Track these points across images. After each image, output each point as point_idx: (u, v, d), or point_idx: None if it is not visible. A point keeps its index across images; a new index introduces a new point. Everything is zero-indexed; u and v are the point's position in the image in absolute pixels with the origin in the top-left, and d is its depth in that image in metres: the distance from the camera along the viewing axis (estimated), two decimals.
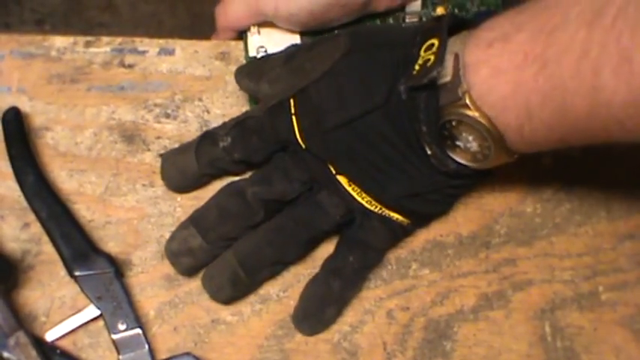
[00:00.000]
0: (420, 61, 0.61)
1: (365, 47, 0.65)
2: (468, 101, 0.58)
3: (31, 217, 0.69)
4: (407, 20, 0.76)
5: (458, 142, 0.62)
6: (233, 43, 0.79)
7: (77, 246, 0.67)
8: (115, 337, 0.65)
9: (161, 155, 0.72)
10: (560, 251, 0.72)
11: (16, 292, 0.68)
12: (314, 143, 0.66)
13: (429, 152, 0.62)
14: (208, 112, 0.75)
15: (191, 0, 0.85)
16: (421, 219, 0.71)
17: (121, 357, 0.65)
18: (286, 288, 0.70)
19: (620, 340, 0.69)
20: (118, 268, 0.67)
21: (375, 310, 0.70)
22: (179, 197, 0.72)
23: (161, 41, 0.78)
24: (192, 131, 0.74)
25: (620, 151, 0.76)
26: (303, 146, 0.66)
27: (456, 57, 0.59)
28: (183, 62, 0.77)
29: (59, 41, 0.77)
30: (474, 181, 0.68)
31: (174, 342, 0.67)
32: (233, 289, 0.68)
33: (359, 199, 0.67)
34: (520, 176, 0.74)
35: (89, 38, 0.78)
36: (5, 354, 0.62)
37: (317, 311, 0.68)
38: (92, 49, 0.77)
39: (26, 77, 0.76)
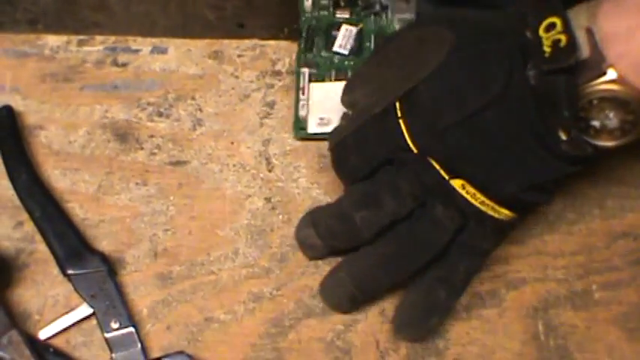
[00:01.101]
0: (547, 43, 0.58)
1: (472, 39, 0.62)
2: (615, 76, 0.56)
3: (25, 215, 0.69)
4: None
5: (593, 122, 0.59)
6: (226, 41, 0.79)
7: (70, 244, 0.67)
8: (108, 335, 0.65)
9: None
10: (553, 250, 0.72)
11: (9, 291, 0.68)
12: (429, 145, 0.62)
13: (563, 138, 0.59)
14: (201, 110, 0.75)
15: (183, 0, 0.84)
16: (529, 210, 0.70)
17: (113, 355, 0.65)
18: (279, 286, 0.70)
19: (613, 338, 0.69)
20: (111, 266, 0.67)
21: (368, 309, 0.69)
22: (172, 196, 0.72)
23: (154, 40, 0.78)
24: (185, 130, 0.74)
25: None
26: (415, 150, 0.63)
27: (589, 31, 0.57)
28: (177, 61, 0.77)
29: (53, 40, 0.78)
30: (586, 166, 0.64)
31: (167, 340, 0.67)
32: (352, 305, 0.68)
33: (473, 201, 0.62)
34: None
35: (82, 37, 0.78)
36: None
37: (422, 320, 0.66)
38: (85, 48, 0.78)
39: (20, 76, 0.76)
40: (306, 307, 0.69)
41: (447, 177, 0.62)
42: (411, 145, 0.63)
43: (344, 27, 0.77)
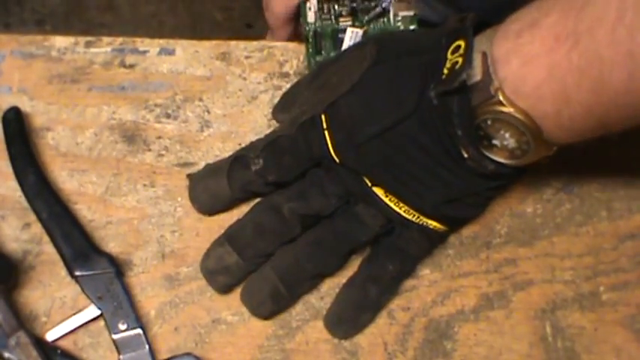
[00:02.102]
0: (448, 65, 0.60)
1: (392, 56, 0.65)
2: (501, 98, 0.57)
3: (32, 217, 0.69)
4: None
5: (494, 141, 0.61)
6: (233, 43, 0.79)
7: (78, 246, 0.67)
8: (115, 337, 0.65)
9: (188, 176, 0.72)
10: (560, 251, 0.72)
11: (16, 292, 0.68)
12: (348, 157, 0.65)
13: (465, 155, 0.61)
14: (209, 112, 0.76)
15: (192, 0, 0.84)
16: (458, 224, 0.71)
17: (121, 357, 0.65)
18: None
19: (621, 340, 0.69)
20: (118, 268, 0.67)
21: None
22: (179, 197, 0.72)
23: (162, 41, 0.78)
24: (192, 131, 0.74)
25: (620, 150, 0.76)
26: (337, 161, 0.65)
27: (484, 55, 0.58)
28: (184, 62, 0.77)
29: (60, 41, 0.78)
30: (510, 181, 0.68)
31: (174, 342, 0.67)
32: (274, 304, 0.68)
33: (397, 209, 0.66)
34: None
35: (90, 38, 0.78)
36: (6, 354, 0.62)
37: (353, 316, 0.69)
38: (93, 50, 0.78)
39: (27, 77, 0.76)
40: (313, 309, 0.69)
41: (369, 184, 0.65)
42: (334, 156, 0.65)
43: (349, 30, 0.77)
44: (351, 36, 0.77)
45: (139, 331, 0.66)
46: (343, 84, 0.65)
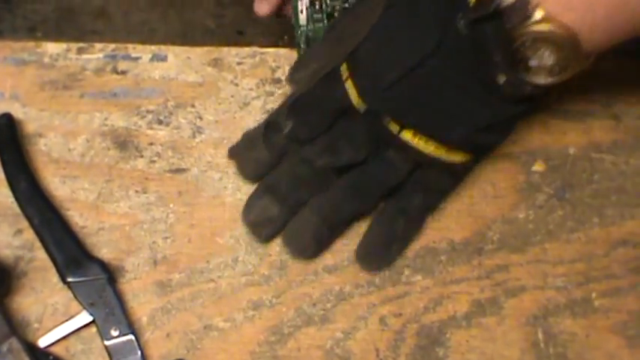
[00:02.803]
0: None
1: None
2: (541, 16, 0.57)
3: (24, 223, 0.69)
4: None
5: (531, 62, 0.60)
6: (225, 49, 0.79)
7: (70, 252, 0.67)
8: (107, 343, 0.65)
9: (230, 150, 0.74)
10: (553, 258, 0.72)
11: (9, 299, 0.68)
12: (375, 103, 0.65)
13: (502, 81, 0.61)
14: (201, 118, 0.76)
15: (183, 8, 0.85)
16: (483, 152, 0.72)
17: None
18: (279, 294, 0.70)
19: (613, 346, 0.69)
20: (110, 274, 0.67)
21: (367, 317, 0.69)
22: (171, 204, 0.72)
23: (154, 48, 0.78)
24: (184, 137, 0.74)
25: (612, 156, 0.76)
26: (363, 109, 0.66)
27: None
28: (176, 69, 0.78)
29: (52, 48, 0.78)
30: (536, 104, 0.67)
31: (166, 348, 0.67)
32: (318, 245, 0.70)
33: (426, 149, 0.66)
34: (513, 183, 0.75)
35: (82, 45, 0.78)
36: None
37: (382, 248, 0.70)
38: (85, 56, 0.78)
39: (19, 84, 0.76)
40: (305, 315, 0.69)
41: (397, 129, 0.65)
42: (360, 103, 0.66)
43: None
44: None
45: (131, 337, 0.66)
46: (360, 32, 0.66)
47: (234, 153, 0.73)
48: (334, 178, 0.69)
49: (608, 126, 0.77)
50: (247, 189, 0.72)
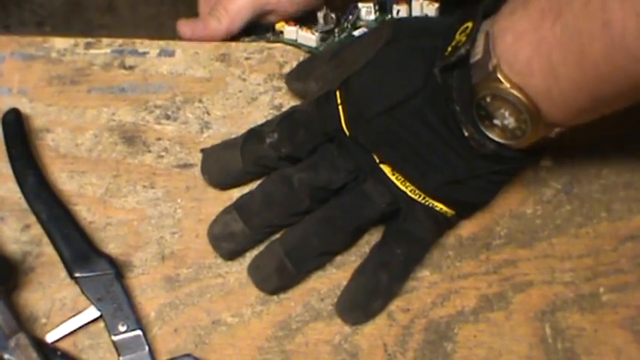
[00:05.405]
0: (452, 44, 0.62)
1: (406, 36, 0.67)
2: (499, 74, 0.58)
3: (32, 218, 0.69)
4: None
5: (495, 121, 0.62)
6: (233, 44, 0.79)
7: (78, 247, 0.67)
8: (115, 338, 0.65)
9: (202, 150, 0.73)
10: (560, 252, 0.72)
11: (16, 294, 0.68)
12: (359, 131, 0.67)
13: (466, 134, 0.63)
14: (209, 113, 0.76)
15: (192, 2, 0.84)
16: (464, 209, 0.71)
17: (121, 358, 0.65)
18: (287, 289, 0.70)
19: (620, 341, 0.69)
20: (118, 269, 0.67)
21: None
22: (179, 199, 0.72)
23: (161, 42, 0.78)
24: (192, 133, 0.74)
25: (620, 152, 0.76)
26: (348, 134, 0.67)
27: (487, 34, 0.60)
28: (184, 64, 0.78)
29: (59, 43, 0.78)
30: (516, 166, 0.68)
31: (174, 343, 0.67)
32: (279, 279, 0.68)
33: (402, 187, 0.67)
34: (520, 178, 0.74)
35: (89, 40, 0.78)
36: (6, 355, 0.62)
37: (364, 303, 0.69)
38: (92, 51, 0.78)
39: (27, 79, 0.76)
40: (313, 310, 0.69)
41: (377, 161, 0.67)
42: (346, 130, 0.67)
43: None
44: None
45: (138, 332, 0.66)
46: (358, 61, 0.67)
47: (206, 152, 0.73)
48: (308, 204, 0.69)
49: (617, 120, 0.77)
50: (254, 185, 0.72)
